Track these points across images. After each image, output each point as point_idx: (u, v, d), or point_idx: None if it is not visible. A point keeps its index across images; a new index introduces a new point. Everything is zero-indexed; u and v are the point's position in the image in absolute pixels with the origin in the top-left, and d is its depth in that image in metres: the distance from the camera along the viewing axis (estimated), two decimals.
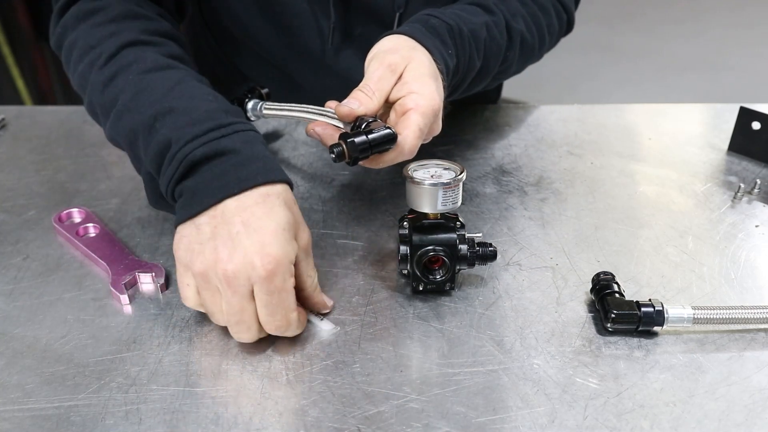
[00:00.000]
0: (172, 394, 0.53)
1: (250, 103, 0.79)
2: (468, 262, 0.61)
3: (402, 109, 0.60)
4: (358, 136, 0.56)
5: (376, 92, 0.60)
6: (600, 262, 0.68)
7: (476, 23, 0.73)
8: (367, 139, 0.56)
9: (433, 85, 0.61)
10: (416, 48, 0.64)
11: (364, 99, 0.60)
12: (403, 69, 0.62)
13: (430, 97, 0.60)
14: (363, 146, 0.56)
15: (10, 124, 0.95)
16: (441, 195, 0.59)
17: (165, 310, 0.62)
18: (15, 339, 0.59)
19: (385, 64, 0.61)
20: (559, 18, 0.88)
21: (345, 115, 0.59)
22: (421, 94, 0.60)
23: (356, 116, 0.59)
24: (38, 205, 0.77)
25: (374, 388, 0.54)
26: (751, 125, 0.86)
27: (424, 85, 0.61)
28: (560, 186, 0.81)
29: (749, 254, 0.70)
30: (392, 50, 0.63)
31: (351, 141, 0.56)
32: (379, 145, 0.57)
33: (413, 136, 0.58)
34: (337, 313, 0.61)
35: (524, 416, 0.51)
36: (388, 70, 0.61)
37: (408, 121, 0.59)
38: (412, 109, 0.59)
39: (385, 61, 0.62)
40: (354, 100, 0.59)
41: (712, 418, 0.51)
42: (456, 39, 0.69)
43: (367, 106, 0.59)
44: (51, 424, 0.51)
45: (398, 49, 0.63)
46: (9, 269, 0.67)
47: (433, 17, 0.69)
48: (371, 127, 0.57)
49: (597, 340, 0.59)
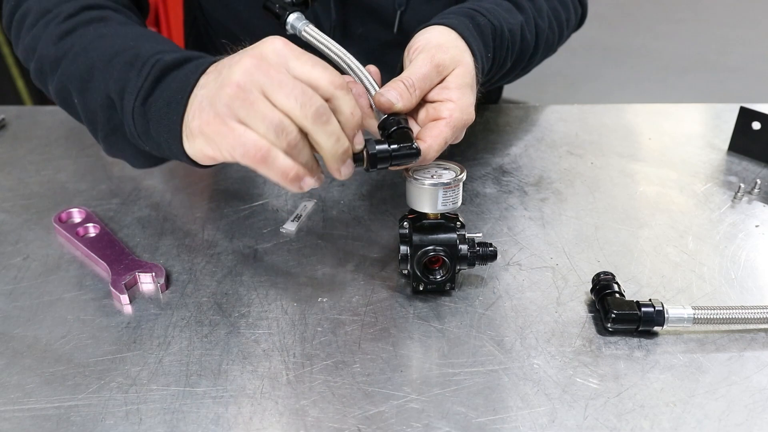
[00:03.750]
0: (172, 394, 0.53)
1: (293, 15, 0.67)
2: (468, 262, 0.61)
3: (435, 114, 0.58)
4: (382, 144, 0.54)
5: (417, 90, 0.58)
6: (600, 262, 0.68)
7: (514, 24, 0.71)
8: (389, 150, 0.54)
9: (472, 98, 0.60)
10: (465, 51, 0.62)
11: (404, 94, 0.57)
12: (449, 72, 0.60)
13: (466, 111, 0.59)
14: (383, 157, 0.54)
15: (10, 124, 0.95)
16: (441, 195, 0.59)
17: (165, 310, 0.62)
18: (15, 339, 0.59)
19: (434, 63, 0.59)
20: (576, 12, 0.87)
21: (383, 108, 0.57)
22: (458, 105, 0.58)
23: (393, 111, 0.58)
24: (38, 205, 0.77)
25: (374, 388, 0.54)
26: (751, 125, 0.86)
27: (464, 95, 0.59)
28: (560, 186, 0.81)
29: (749, 254, 0.69)
30: (442, 48, 0.60)
31: (373, 154, 0.54)
32: (399, 158, 0.55)
33: (437, 148, 0.57)
34: (336, 313, 0.61)
35: (524, 416, 0.51)
36: (435, 70, 0.59)
37: (436, 131, 0.57)
38: (444, 119, 0.58)
39: (435, 59, 0.59)
40: (395, 92, 0.57)
41: (713, 418, 0.51)
42: (497, 41, 0.68)
43: (406, 102, 0.57)
44: (51, 424, 0.51)
45: (449, 48, 0.60)
46: (9, 269, 0.67)
47: (480, 15, 0.67)
48: (399, 135, 0.55)
49: (597, 340, 0.59)
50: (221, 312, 0.62)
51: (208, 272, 0.67)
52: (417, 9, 0.75)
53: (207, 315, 0.61)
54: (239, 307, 0.62)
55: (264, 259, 0.68)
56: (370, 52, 0.86)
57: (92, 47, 0.61)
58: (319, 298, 0.63)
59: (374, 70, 0.61)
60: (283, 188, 0.61)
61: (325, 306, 0.62)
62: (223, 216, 0.75)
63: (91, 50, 0.60)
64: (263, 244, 0.71)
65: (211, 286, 0.65)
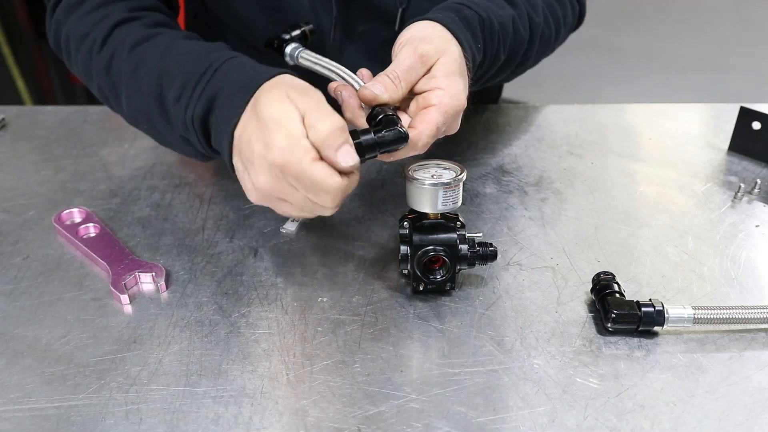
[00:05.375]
0: (172, 394, 0.53)
1: (289, 47, 0.72)
2: (468, 262, 0.61)
3: (424, 103, 0.59)
4: (367, 134, 0.55)
5: (402, 81, 0.59)
6: (600, 262, 0.68)
7: (504, 17, 0.71)
8: (374, 139, 0.55)
9: (461, 84, 0.60)
10: (450, 41, 0.62)
11: (389, 86, 0.58)
12: (434, 62, 0.60)
13: (455, 97, 0.59)
14: (370, 147, 0.55)
15: (10, 124, 0.95)
16: (441, 195, 0.59)
17: (165, 310, 0.62)
18: (15, 339, 0.59)
19: (417, 54, 0.59)
20: (573, 10, 0.87)
21: (368, 100, 0.58)
22: (447, 91, 0.58)
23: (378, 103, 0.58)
24: (38, 205, 0.77)
25: (374, 388, 0.54)
26: (751, 125, 0.86)
27: (452, 82, 0.59)
28: (560, 186, 0.81)
29: (749, 254, 0.69)
30: (426, 39, 0.61)
31: (358, 142, 0.55)
32: (387, 145, 0.56)
33: (428, 134, 0.57)
34: (337, 313, 0.61)
35: (524, 416, 0.51)
36: (419, 61, 0.59)
37: (427, 117, 0.57)
38: (434, 106, 0.58)
39: (418, 50, 0.59)
40: (380, 85, 0.58)
41: (713, 418, 0.51)
42: (486, 32, 0.68)
43: (392, 94, 0.58)
44: (51, 424, 0.51)
45: (432, 38, 0.61)
46: (9, 269, 0.67)
47: (466, 7, 0.68)
48: (385, 123, 0.56)
49: (597, 340, 0.59)
50: (221, 312, 0.62)
51: (208, 272, 0.67)
52: (418, 7, 0.74)
53: (207, 315, 0.61)
54: (239, 307, 0.62)
55: (264, 259, 0.68)
56: (371, 50, 0.86)
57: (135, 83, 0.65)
58: (319, 298, 0.63)
59: (366, 73, 0.62)
60: None
61: (325, 306, 0.62)
62: (223, 216, 0.75)
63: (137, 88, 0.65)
64: (263, 244, 0.71)
65: (211, 286, 0.65)
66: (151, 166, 0.85)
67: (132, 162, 0.86)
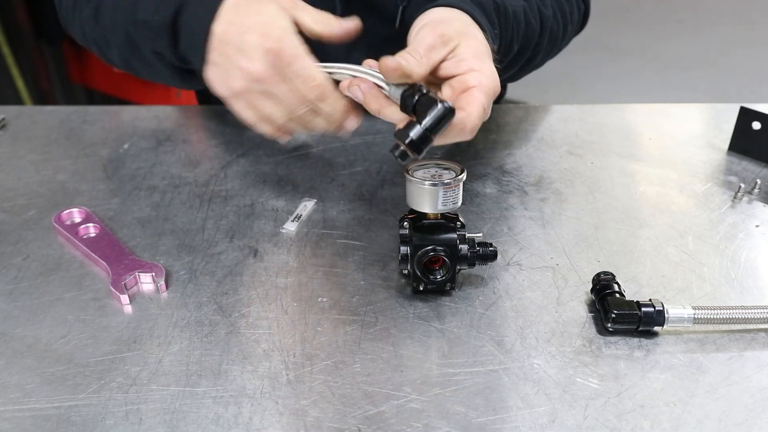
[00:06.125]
0: (172, 394, 0.53)
1: None
2: (468, 262, 0.61)
3: (463, 86, 0.55)
4: (413, 128, 0.51)
5: (424, 59, 0.55)
6: (600, 262, 0.68)
7: (516, 6, 0.70)
8: (423, 130, 0.51)
9: (492, 66, 0.57)
10: (471, 24, 0.59)
11: (412, 61, 0.54)
12: (455, 45, 0.57)
13: (492, 77, 0.56)
14: (422, 138, 0.51)
15: (10, 124, 0.95)
16: (441, 195, 0.59)
17: (165, 310, 0.62)
18: (15, 339, 0.59)
19: (437, 33, 0.56)
20: (578, 9, 0.87)
21: (391, 69, 0.53)
22: (483, 72, 0.55)
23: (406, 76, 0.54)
24: (38, 205, 0.77)
25: (374, 388, 0.54)
26: (751, 125, 0.86)
27: (485, 63, 0.56)
28: (560, 186, 0.81)
29: (749, 254, 0.69)
30: (445, 21, 0.58)
31: (411, 141, 0.51)
32: (436, 128, 0.51)
33: (477, 114, 0.53)
34: (337, 313, 0.61)
35: (524, 416, 0.51)
36: (439, 40, 0.56)
37: (472, 98, 0.54)
38: (475, 87, 0.54)
39: (437, 30, 0.56)
40: (401, 59, 0.54)
41: (713, 418, 0.51)
42: (501, 19, 0.66)
43: (414, 67, 0.54)
44: (51, 424, 0.51)
45: (451, 20, 0.58)
46: (9, 269, 0.67)
47: None
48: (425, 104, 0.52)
49: (597, 340, 0.59)
50: (221, 312, 0.62)
51: (208, 272, 0.67)
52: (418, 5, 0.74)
53: (207, 315, 0.61)
54: (239, 307, 0.62)
55: (264, 259, 0.68)
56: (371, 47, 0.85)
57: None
58: (319, 298, 0.63)
59: (373, 63, 0.60)
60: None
61: (325, 306, 0.62)
62: (223, 216, 0.75)
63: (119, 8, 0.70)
64: (263, 244, 0.71)
65: (211, 286, 0.65)
66: (151, 166, 0.85)
67: (132, 162, 0.86)
